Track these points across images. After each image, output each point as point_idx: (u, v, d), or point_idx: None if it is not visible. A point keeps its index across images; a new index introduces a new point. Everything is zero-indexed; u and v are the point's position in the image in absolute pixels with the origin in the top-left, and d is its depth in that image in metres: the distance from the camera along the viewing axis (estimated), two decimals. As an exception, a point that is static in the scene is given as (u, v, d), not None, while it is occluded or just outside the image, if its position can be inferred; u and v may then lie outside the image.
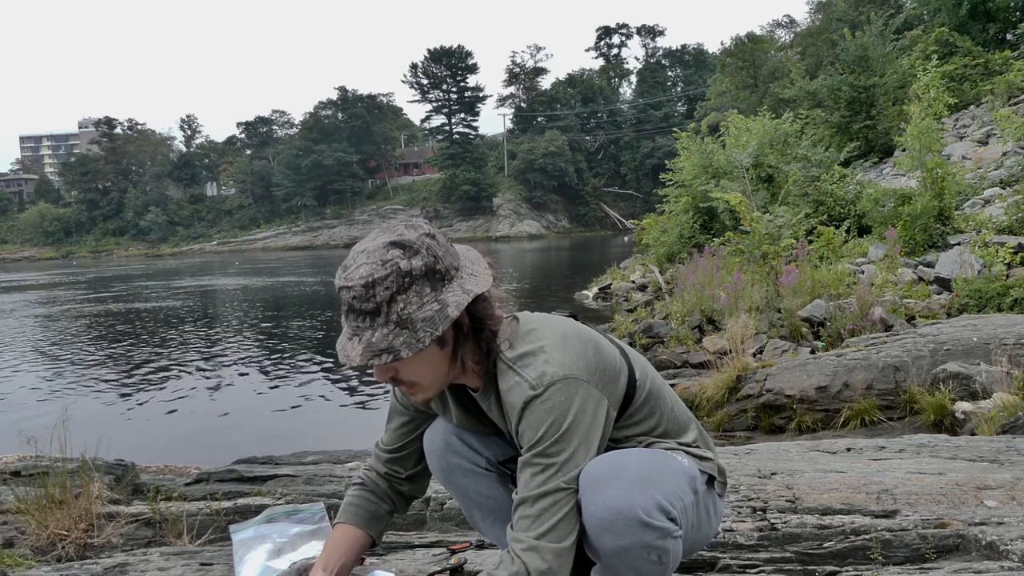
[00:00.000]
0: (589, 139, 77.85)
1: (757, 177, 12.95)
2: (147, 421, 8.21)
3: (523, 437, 1.42)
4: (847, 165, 14.53)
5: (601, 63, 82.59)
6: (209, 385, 9.95)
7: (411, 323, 1.36)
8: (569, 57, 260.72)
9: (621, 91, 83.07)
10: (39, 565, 2.40)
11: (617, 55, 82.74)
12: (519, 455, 1.44)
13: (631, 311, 12.28)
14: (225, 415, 8.47)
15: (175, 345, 13.45)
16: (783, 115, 15.26)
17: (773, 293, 8.20)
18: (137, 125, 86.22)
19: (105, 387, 9.94)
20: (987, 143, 14.80)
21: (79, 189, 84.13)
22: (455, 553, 2.17)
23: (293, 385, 9.67)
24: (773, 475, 2.77)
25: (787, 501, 2.44)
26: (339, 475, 3.21)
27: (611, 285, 16.42)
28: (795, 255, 8.60)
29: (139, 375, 10.70)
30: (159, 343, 13.75)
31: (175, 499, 3.01)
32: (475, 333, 1.46)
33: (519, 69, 78.88)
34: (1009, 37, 20.93)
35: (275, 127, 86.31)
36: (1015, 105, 15.55)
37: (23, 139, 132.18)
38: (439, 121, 75.63)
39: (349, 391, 9.30)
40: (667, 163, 16.78)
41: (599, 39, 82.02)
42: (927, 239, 9.57)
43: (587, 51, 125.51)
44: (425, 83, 73.78)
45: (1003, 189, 11.19)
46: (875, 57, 19.25)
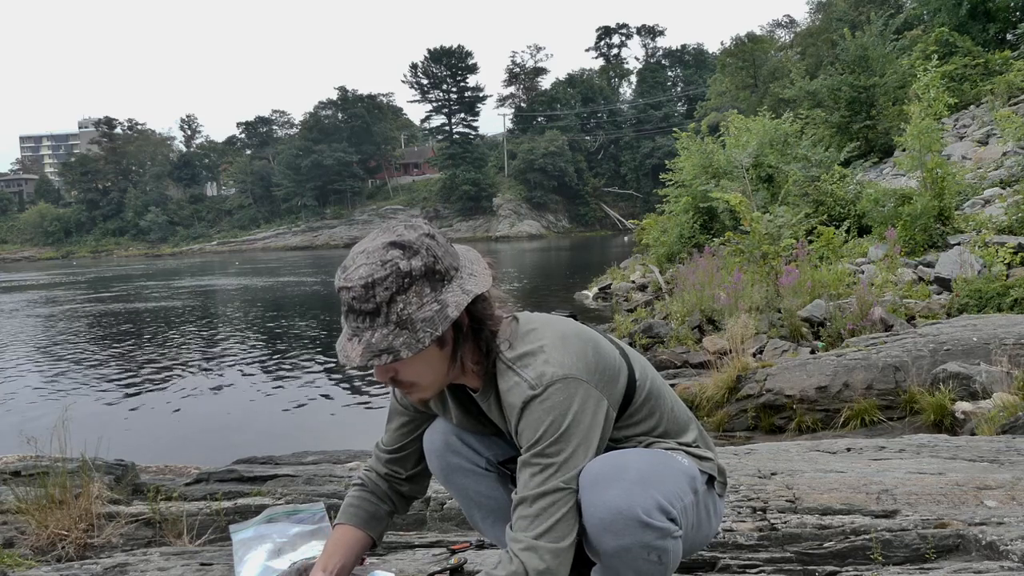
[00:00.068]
0: (589, 139, 77.83)
1: (757, 177, 12.95)
2: (147, 421, 8.22)
3: (522, 437, 1.42)
4: (847, 165, 14.53)
5: (601, 63, 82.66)
6: (209, 385, 9.95)
7: (411, 323, 1.36)
8: (569, 57, 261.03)
9: (621, 91, 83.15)
10: (39, 565, 2.40)
11: (617, 55, 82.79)
12: (519, 455, 1.44)
13: (631, 311, 12.28)
14: (225, 415, 8.48)
15: (175, 345, 13.46)
16: (783, 115, 15.26)
17: (773, 293, 8.20)
18: (137, 125, 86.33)
19: (105, 387, 9.94)
20: (987, 143, 14.80)
21: (79, 189, 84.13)
22: (455, 553, 2.17)
23: (293, 385, 9.67)
24: (773, 475, 2.77)
25: (787, 501, 2.44)
26: (339, 475, 3.21)
27: (611, 285, 16.41)
28: (795, 255, 8.60)
29: (139, 375, 10.70)
30: (159, 343, 13.76)
31: (175, 499, 3.01)
32: (475, 333, 1.46)
33: (519, 69, 78.92)
34: (1009, 37, 20.94)
35: (275, 127, 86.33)
36: (1015, 105, 15.55)
37: (23, 139, 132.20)
38: (439, 121, 75.78)
39: (349, 391, 9.31)
40: (667, 163, 16.79)
41: (599, 39, 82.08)
42: (927, 239, 9.58)
43: (587, 51, 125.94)
44: (425, 83, 73.84)
45: (1003, 189, 11.19)
46: (875, 57, 19.25)
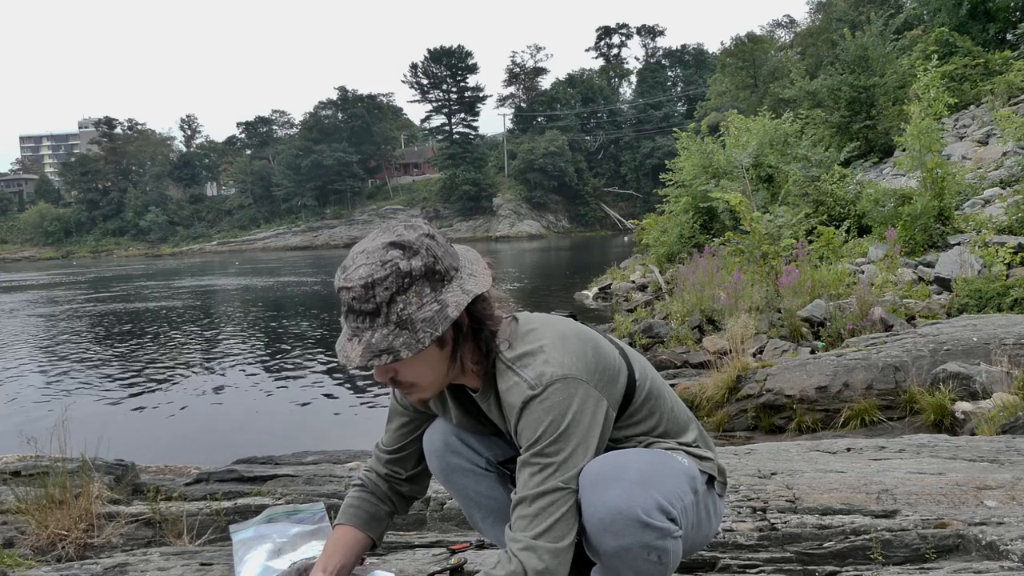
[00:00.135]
0: (589, 139, 77.83)
1: (757, 177, 12.95)
2: (147, 421, 8.22)
3: (522, 437, 1.42)
4: (847, 165, 14.53)
5: (601, 63, 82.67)
6: (209, 385, 9.95)
7: (411, 324, 1.36)
8: (569, 57, 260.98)
9: (621, 91, 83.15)
10: (39, 565, 2.40)
11: (617, 55, 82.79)
12: (519, 455, 1.44)
13: (631, 311, 12.28)
14: (225, 415, 8.48)
15: (175, 345, 13.46)
16: (783, 115, 15.26)
17: (773, 293, 8.20)
18: (137, 125, 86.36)
19: (105, 387, 9.94)
20: (987, 143, 14.81)
21: (79, 189, 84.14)
22: (455, 553, 2.17)
23: (293, 385, 9.67)
24: (773, 475, 2.76)
25: (787, 501, 2.44)
26: (339, 475, 3.21)
27: (611, 285, 16.41)
28: (795, 255, 8.60)
29: (139, 375, 10.69)
30: (159, 343, 13.75)
31: (175, 499, 3.00)
32: (474, 333, 1.46)
33: (519, 69, 78.92)
34: (1009, 37, 20.94)
35: (275, 127, 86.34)
36: (1015, 105, 15.55)
37: (23, 139, 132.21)
38: (439, 121, 75.78)
39: (349, 391, 9.31)
40: (667, 163, 16.79)
41: (599, 39, 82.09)
42: (927, 239, 9.58)
43: (587, 51, 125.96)
44: (425, 83, 73.83)
45: (1003, 189, 11.19)
46: (875, 57, 19.25)
